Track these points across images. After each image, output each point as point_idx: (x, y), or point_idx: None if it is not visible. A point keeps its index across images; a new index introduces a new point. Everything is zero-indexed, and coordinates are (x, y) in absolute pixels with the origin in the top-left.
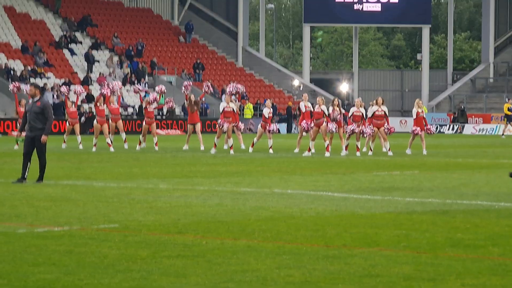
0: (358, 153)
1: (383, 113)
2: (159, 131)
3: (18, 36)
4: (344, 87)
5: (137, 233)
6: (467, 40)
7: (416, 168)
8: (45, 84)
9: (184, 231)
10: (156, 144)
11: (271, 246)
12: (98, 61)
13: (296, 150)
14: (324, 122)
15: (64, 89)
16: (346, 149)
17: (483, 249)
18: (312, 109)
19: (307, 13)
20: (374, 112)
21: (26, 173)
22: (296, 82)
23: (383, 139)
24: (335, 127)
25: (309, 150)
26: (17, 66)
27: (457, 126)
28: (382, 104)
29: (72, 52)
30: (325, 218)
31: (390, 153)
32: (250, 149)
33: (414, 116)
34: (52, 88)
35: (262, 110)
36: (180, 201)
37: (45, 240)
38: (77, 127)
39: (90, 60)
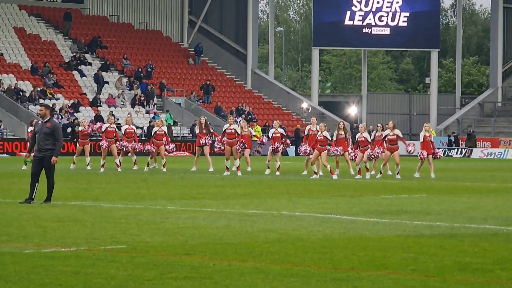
0: (367, 174)
1: (395, 137)
2: (167, 152)
3: (28, 57)
4: (352, 110)
5: (145, 254)
6: (475, 65)
7: (424, 191)
8: (53, 104)
9: (192, 252)
10: (164, 165)
11: (279, 268)
12: (108, 83)
13: (304, 173)
14: (326, 148)
15: (92, 125)
16: (359, 173)
17: (492, 273)
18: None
19: (316, 36)
20: (386, 136)
21: (34, 194)
22: (304, 105)
23: (395, 164)
24: (340, 149)
25: (316, 173)
26: (27, 87)
27: (465, 150)
28: (394, 128)
29: (82, 74)
30: (333, 241)
31: (398, 176)
32: (267, 171)
33: (421, 140)
34: (61, 109)
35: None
36: (187, 222)
37: (52, 261)
38: (87, 148)
39: (99, 81)
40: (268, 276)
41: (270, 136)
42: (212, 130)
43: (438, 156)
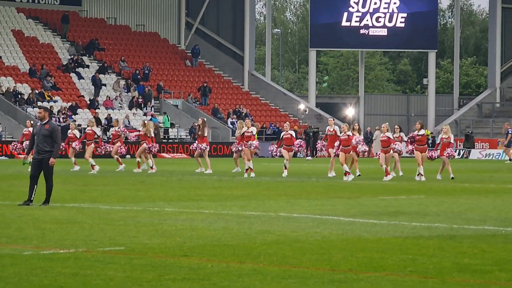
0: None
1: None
2: (165, 154)
3: (26, 59)
4: (350, 112)
5: (143, 255)
6: (473, 65)
7: (422, 192)
8: (51, 107)
9: (190, 254)
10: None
11: (277, 269)
12: (105, 85)
13: (331, 174)
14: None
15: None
16: (387, 173)
17: (490, 274)
18: (338, 134)
19: (313, 37)
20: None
21: (33, 196)
22: (301, 106)
23: (396, 163)
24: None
25: (348, 173)
26: (25, 89)
27: (464, 151)
28: (421, 128)
29: (79, 76)
30: (331, 242)
31: (401, 173)
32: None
33: (438, 141)
34: (59, 111)
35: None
36: (185, 224)
37: (51, 262)
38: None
39: (97, 84)
40: (266, 277)
41: (280, 137)
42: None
43: (452, 156)
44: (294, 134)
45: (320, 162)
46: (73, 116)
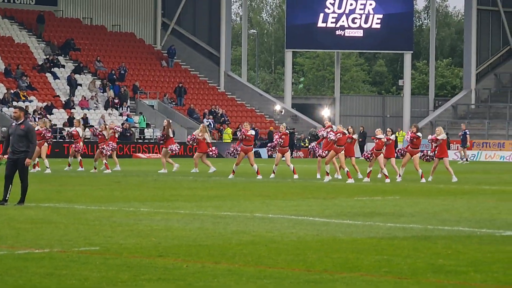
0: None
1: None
2: (140, 154)
3: (1, 59)
4: (325, 112)
5: (118, 256)
6: (448, 67)
7: (397, 193)
8: (27, 107)
9: (165, 254)
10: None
11: (252, 270)
12: (81, 85)
13: (336, 176)
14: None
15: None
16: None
17: (465, 275)
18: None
19: (289, 38)
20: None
21: (8, 196)
22: (277, 107)
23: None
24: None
25: (327, 173)
26: (0, 89)
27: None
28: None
29: (55, 76)
30: (306, 243)
31: (379, 176)
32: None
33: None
34: (34, 112)
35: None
36: (161, 224)
37: (26, 262)
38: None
39: (72, 84)
40: (241, 278)
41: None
42: (171, 135)
43: (427, 159)
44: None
45: (295, 163)
46: (48, 116)
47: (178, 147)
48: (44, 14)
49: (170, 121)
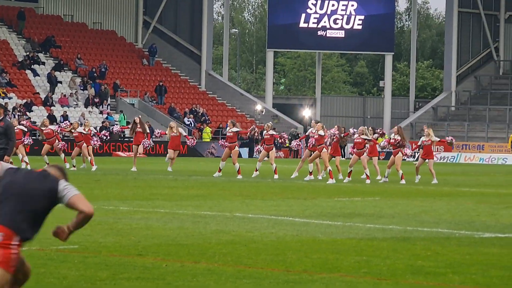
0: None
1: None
2: (120, 153)
3: None
4: (306, 113)
5: (97, 254)
6: (429, 69)
7: (377, 194)
8: (6, 104)
9: (144, 253)
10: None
11: (232, 270)
12: (61, 82)
13: (319, 176)
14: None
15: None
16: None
17: (444, 276)
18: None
19: (271, 38)
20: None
21: None
22: (258, 107)
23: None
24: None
25: (310, 173)
26: None
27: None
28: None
29: (35, 73)
30: (286, 243)
31: (363, 176)
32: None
33: (420, 144)
34: (14, 109)
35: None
36: (140, 223)
37: None
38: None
39: (52, 81)
40: (220, 277)
41: (262, 137)
42: (147, 131)
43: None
44: (274, 133)
45: (275, 163)
46: (27, 114)
47: (152, 144)
48: (24, 11)
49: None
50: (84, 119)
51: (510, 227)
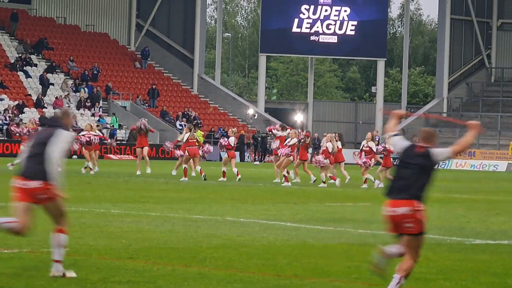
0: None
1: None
2: (112, 156)
3: None
4: (298, 118)
5: (88, 257)
6: (421, 75)
7: (369, 200)
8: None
9: (135, 256)
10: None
11: (223, 274)
12: (53, 84)
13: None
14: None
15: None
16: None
17: (435, 282)
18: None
19: (264, 43)
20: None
21: None
22: (250, 111)
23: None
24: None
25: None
26: None
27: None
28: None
29: (27, 75)
30: (276, 248)
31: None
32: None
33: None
34: (6, 110)
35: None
36: (131, 226)
37: None
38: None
39: (44, 83)
40: (211, 281)
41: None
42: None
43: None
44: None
45: (267, 167)
46: (19, 115)
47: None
48: (17, 12)
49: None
50: (76, 122)
51: (500, 233)
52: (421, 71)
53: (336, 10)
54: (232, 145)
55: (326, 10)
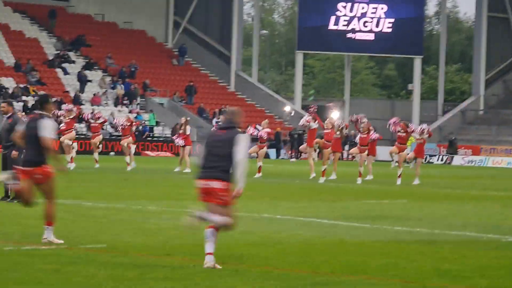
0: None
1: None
2: (149, 152)
3: (12, 53)
4: (335, 115)
5: (125, 254)
6: (458, 72)
7: (405, 197)
8: (36, 101)
9: (172, 253)
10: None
11: (259, 271)
12: (91, 81)
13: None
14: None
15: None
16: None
17: (471, 280)
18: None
19: (301, 40)
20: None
21: (10, 191)
22: (287, 108)
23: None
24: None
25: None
26: (10, 83)
27: (446, 157)
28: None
29: (65, 71)
30: (313, 245)
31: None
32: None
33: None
34: None
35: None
36: (168, 223)
37: (32, 259)
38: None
39: (82, 79)
40: (248, 278)
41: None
42: (187, 132)
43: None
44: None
45: (303, 164)
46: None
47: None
48: (56, 9)
49: (188, 118)
50: (113, 118)
51: None
52: (457, 69)
53: (373, 8)
54: (265, 138)
55: (363, 8)
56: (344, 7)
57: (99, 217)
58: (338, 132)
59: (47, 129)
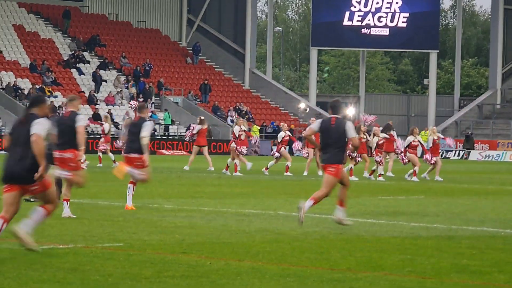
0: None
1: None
2: (164, 151)
3: (27, 54)
4: (350, 111)
5: (142, 252)
6: (474, 66)
7: (421, 193)
8: (52, 102)
9: (189, 251)
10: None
11: (276, 268)
12: (106, 81)
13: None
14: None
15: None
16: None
17: (489, 275)
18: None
19: (315, 36)
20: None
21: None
22: (302, 105)
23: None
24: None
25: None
26: (25, 84)
27: (463, 152)
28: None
29: (80, 72)
30: (330, 241)
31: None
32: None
33: (431, 144)
34: (60, 107)
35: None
36: (184, 221)
37: (50, 258)
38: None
39: (97, 79)
40: (264, 276)
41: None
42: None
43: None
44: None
45: (296, 161)
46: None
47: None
48: (70, 10)
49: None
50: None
51: None
52: (474, 63)
53: (387, 3)
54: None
55: (377, 3)
56: (358, 2)
57: (115, 216)
58: (364, 136)
59: (40, 127)
